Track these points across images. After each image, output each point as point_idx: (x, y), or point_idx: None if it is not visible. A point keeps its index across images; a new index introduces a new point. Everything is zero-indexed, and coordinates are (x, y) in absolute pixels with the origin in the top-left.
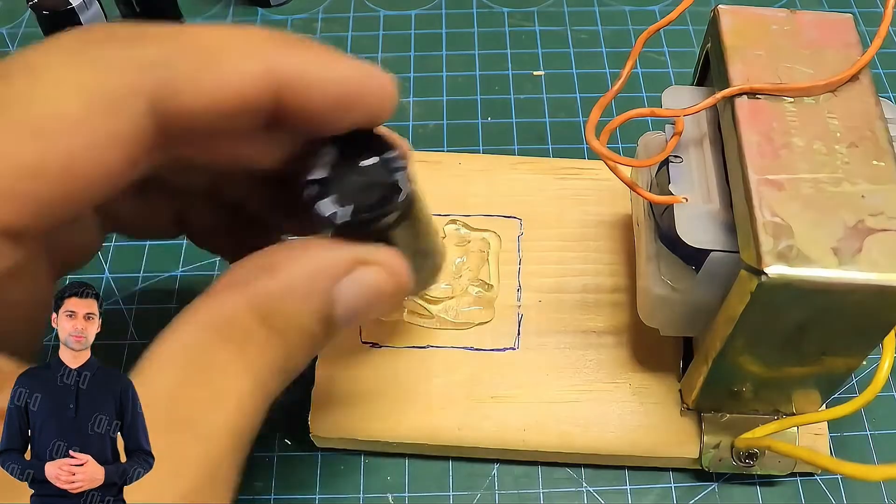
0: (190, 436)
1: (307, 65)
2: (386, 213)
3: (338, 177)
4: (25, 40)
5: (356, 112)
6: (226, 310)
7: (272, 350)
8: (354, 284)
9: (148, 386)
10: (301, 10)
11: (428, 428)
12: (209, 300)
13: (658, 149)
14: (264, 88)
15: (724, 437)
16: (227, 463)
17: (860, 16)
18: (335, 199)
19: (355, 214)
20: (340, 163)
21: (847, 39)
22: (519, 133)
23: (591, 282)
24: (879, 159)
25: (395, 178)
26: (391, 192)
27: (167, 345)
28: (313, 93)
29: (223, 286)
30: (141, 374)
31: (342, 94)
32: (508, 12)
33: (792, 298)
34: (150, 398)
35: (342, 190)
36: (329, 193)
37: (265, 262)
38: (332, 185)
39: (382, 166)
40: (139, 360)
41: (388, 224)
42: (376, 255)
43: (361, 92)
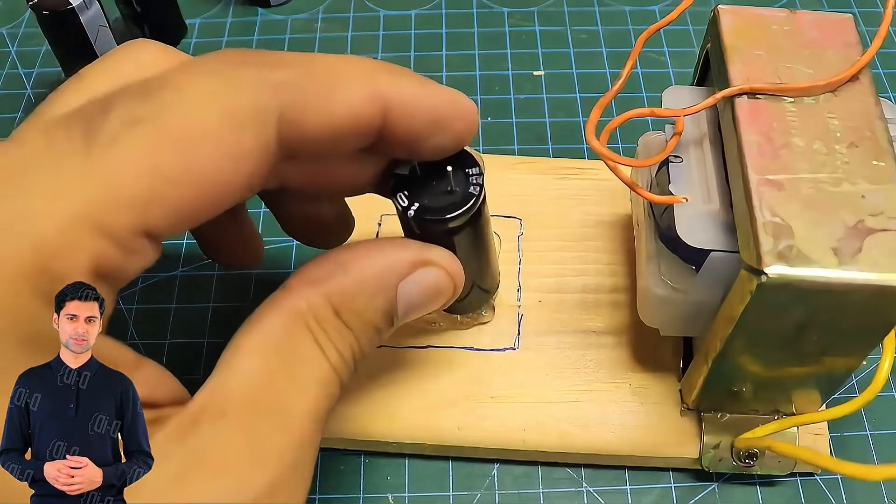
0: (277, 424)
1: (409, 89)
2: (454, 217)
3: (420, 176)
4: (25, 40)
5: (447, 134)
6: (305, 304)
7: (345, 342)
8: (416, 284)
9: (233, 375)
10: (301, 10)
11: (428, 428)
12: (289, 294)
13: (658, 149)
14: (374, 110)
15: (724, 437)
16: (310, 449)
17: (860, 16)
18: (412, 195)
19: (426, 211)
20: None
21: (847, 39)
22: (519, 133)
23: (591, 282)
24: (879, 159)
25: (470, 189)
26: (463, 199)
27: (250, 336)
28: (413, 114)
29: (302, 282)
30: (226, 364)
31: (437, 116)
32: (508, 12)
33: (792, 298)
34: (237, 387)
35: (420, 188)
36: (408, 188)
37: (338, 260)
38: (413, 182)
39: (463, 176)
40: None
41: (453, 228)
42: (438, 256)
43: (452, 115)
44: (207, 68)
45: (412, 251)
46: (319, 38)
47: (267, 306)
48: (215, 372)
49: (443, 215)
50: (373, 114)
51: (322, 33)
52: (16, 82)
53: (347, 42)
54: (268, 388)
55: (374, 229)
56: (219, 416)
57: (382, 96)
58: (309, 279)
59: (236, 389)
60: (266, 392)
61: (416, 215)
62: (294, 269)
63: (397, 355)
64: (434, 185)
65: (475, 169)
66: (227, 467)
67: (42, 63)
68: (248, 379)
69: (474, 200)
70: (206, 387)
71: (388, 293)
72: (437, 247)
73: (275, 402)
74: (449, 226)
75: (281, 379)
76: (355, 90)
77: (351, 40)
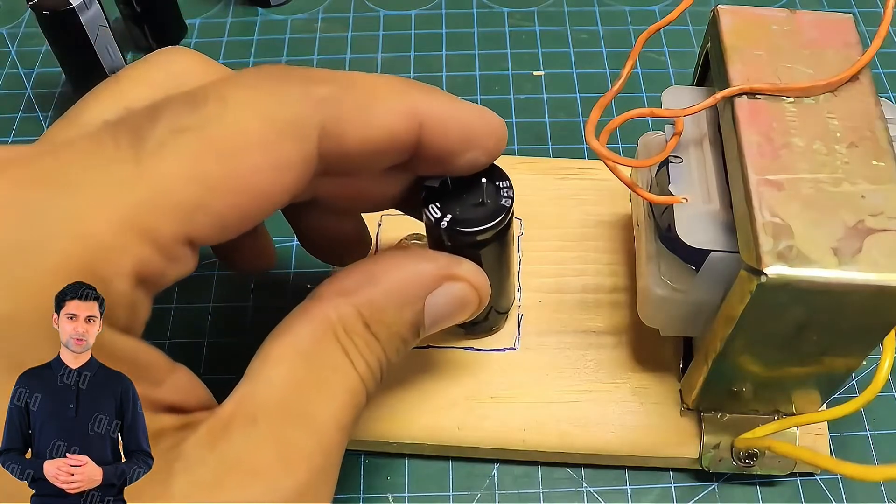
0: (305, 430)
1: (442, 106)
2: (487, 230)
3: (451, 187)
4: (25, 40)
5: (478, 150)
6: (335, 314)
7: (373, 353)
8: (443, 297)
9: (263, 382)
10: (301, 10)
11: (428, 428)
12: (319, 303)
13: (658, 149)
14: (411, 126)
15: (724, 437)
16: (336, 455)
17: (860, 16)
18: (443, 207)
19: (458, 223)
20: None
21: (847, 39)
22: (519, 133)
23: (591, 282)
24: (879, 159)
25: (501, 202)
26: (494, 213)
27: (280, 345)
28: (447, 131)
29: (332, 292)
30: (256, 372)
31: (469, 132)
32: (508, 12)
33: (792, 298)
34: (267, 395)
35: (451, 200)
36: (439, 200)
37: (369, 271)
38: (444, 194)
39: (494, 190)
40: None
41: (482, 241)
42: (464, 270)
43: (483, 131)
44: (251, 82)
45: (440, 264)
46: (319, 38)
47: (297, 315)
48: (245, 379)
49: (476, 227)
50: (409, 130)
51: (322, 33)
52: (16, 82)
53: (347, 42)
54: (297, 396)
55: (375, 229)
56: (250, 422)
57: (418, 113)
58: (339, 289)
59: (266, 397)
60: (295, 399)
61: (448, 227)
62: (294, 269)
63: None
64: (465, 197)
65: (505, 182)
66: (257, 472)
67: (42, 63)
68: (277, 386)
69: (506, 213)
70: (235, 393)
71: (416, 306)
72: (465, 259)
73: (303, 409)
74: (478, 238)
75: (310, 387)
76: (393, 106)
77: (351, 40)
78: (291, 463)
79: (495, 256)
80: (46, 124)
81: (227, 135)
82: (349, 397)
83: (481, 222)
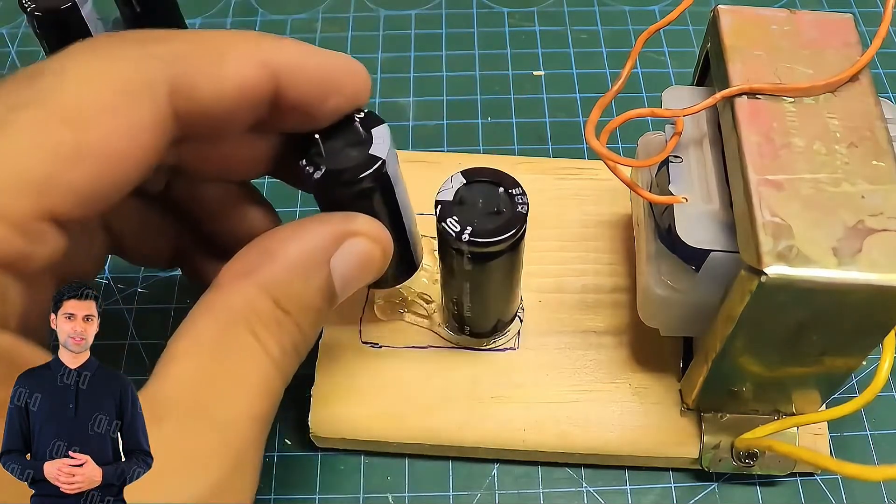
0: (214, 426)
1: (296, 55)
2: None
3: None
4: (25, 40)
5: (341, 94)
6: (238, 299)
7: (286, 331)
8: (347, 255)
9: (168, 380)
10: (301, 10)
11: (428, 428)
12: (220, 292)
13: (658, 149)
14: (263, 77)
15: (724, 437)
16: (252, 449)
17: (860, 16)
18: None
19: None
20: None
21: (847, 39)
22: (519, 133)
23: (591, 282)
24: (879, 159)
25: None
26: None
27: (184, 340)
28: (304, 78)
29: (231, 277)
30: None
31: (327, 77)
32: (508, 12)
33: (792, 298)
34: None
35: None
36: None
37: (264, 248)
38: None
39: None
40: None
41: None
42: (360, 224)
43: (342, 76)
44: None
45: (335, 224)
46: (319, 38)
47: (200, 308)
48: (150, 380)
49: (495, 237)
50: (263, 80)
51: (322, 33)
52: None
53: (347, 42)
54: (204, 391)
55: None
56: (155, 423)
57: (270, 61)
58: (238, 272)
59: (170, 395)
60: (201, 394)
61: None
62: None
63: (397, 355)
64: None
65: (518, 189)
66: (164, 473)
67: None
68: (182, 383)
69: (521, 224)
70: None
71: (322, 271)
72: (359, 214)
73: (211, 403)
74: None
75: (217, 380)
76: (243, 57)
77: (351, 40)
78: (201, 461)
79: (508, 264)
80: None
81: (69, 103)
82: (261, 385)
83: (499, 232)
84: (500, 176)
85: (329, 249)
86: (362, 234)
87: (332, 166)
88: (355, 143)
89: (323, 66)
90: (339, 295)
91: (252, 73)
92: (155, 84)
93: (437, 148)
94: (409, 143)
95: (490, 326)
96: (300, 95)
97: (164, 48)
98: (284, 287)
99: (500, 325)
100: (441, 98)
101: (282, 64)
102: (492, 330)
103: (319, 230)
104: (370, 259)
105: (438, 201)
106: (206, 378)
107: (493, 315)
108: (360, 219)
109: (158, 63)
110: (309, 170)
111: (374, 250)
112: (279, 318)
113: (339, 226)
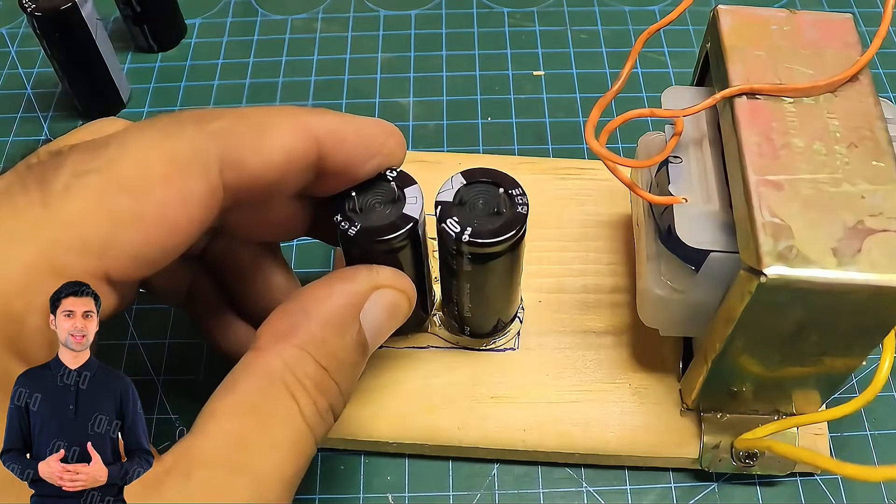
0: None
1: (336, 122)
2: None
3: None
4: (25, 40)
5: (382, 153)
6: (277, 361)
7: (324, 390)
8: (375, 307)
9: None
10: (301, 10)
11: (428, 428)
12: (261, 353)
13: (658, 149)
14: (308, 143)
15: (724, 437)
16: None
17: (860, 16)
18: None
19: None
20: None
21: (847, 39)
22: (519, 133)
23: (591, 282)
24: (879, 159)
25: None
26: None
27: (223, 400)
28: (345, 141)
29: (269, 338)
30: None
31: (367, 139)
32: (508, 12)
33: (791, 299)
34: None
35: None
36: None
37: (299, 308)
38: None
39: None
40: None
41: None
42: (384, 277)
43: (381, 135)
44: (147, 126)
45: (362, 279)
46: (319, 38)
47: (240, 369)
48: (188, 434)
49: (494, 238)
50: (308, 146)
51: (322, 33)
52: (16, 82)
53: (347, 42)
54: (236, 449)
55: None
56: (184, 478)
57: (312, 129)
58: (277, 334)
59: (204, 452)
60: (234, 453)
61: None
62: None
63: (397, 355)
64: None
65: (517, 189)
66: None
67: (42, 63)
68: (217, 440)
69: (521, 225)
70: (176, 448)
71: (354, 326)
72: (383, 267)
73: (242, 462)
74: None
75: (251, 439)
76: (285, 127)
77: (351, 40)
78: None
79: (508, 265)
80: (46, 124)
81: (129, 173)
82: (294, 447)
83: (499, 232)
84: (500, 176)
85: (359, 304)
86: (388, 285)
87: (368, 224)
88: (389, 200)
89: (362, 130)
90: (371, 346)
91: (295, 140)
92: (206, 158)
93: (437, 148)
94: (409, 144)
95: (490, 327)
96: (343, 158)
97: (214, 124)
98: (321, 345)
99: (500, 325)
100: (441, 98)
101: (323, 131)
102: (492, 330)
103: (348, 287)
104: (397, 308)
105: (438, 202)
106: (240, 437)
107: (493, 315)
108: (385, 271)
109: (209, 139)
110: (344, 225)
111: (400, 300)
112: (318, 378)
113: (366, 280)
